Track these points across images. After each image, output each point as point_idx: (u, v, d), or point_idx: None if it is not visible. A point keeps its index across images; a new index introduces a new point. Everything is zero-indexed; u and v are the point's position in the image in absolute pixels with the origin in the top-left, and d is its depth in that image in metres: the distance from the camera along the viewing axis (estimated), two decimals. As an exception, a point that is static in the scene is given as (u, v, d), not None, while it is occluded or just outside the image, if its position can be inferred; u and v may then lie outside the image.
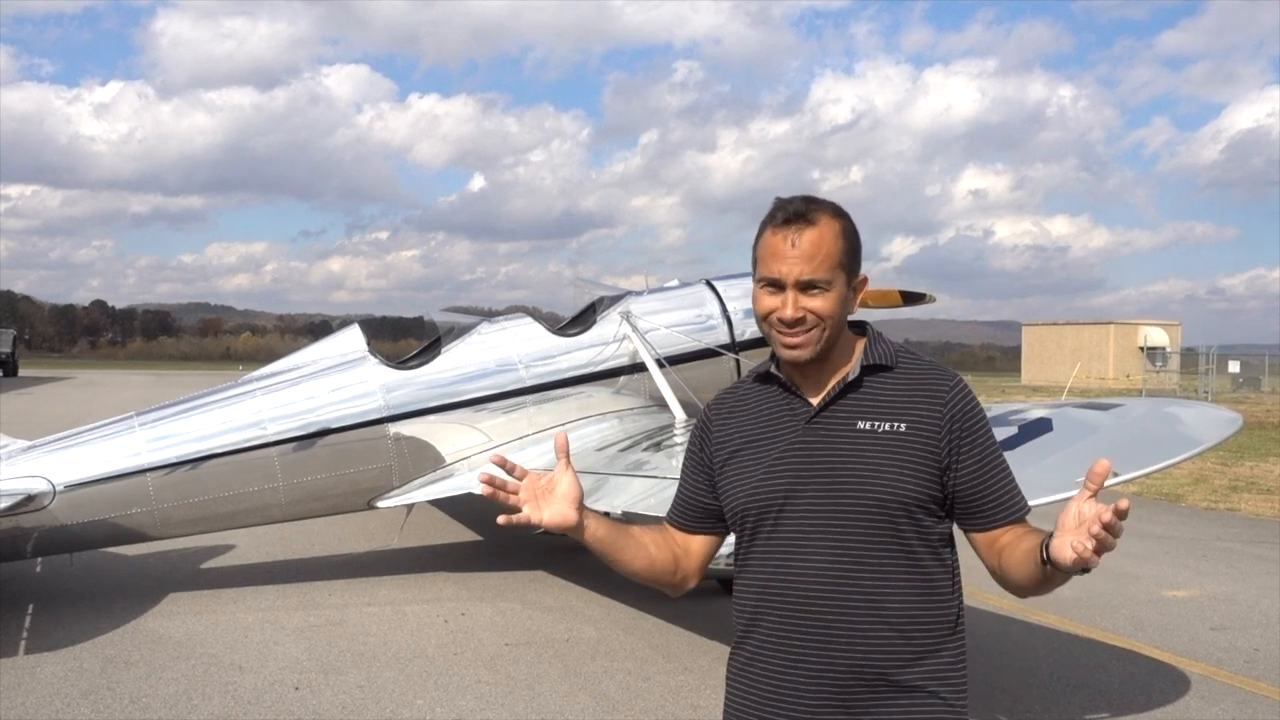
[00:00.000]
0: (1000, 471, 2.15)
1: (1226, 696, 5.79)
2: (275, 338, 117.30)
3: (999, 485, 2.14)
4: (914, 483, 2.08)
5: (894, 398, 2.13)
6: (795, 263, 2.10)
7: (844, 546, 2.09)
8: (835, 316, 2.13)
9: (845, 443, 2.11)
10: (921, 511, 2.09)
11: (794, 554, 2.12)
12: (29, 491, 6.98)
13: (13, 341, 57.15)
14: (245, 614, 7.27)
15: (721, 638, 6.64)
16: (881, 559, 2.08)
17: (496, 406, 8.26)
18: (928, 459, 2.09)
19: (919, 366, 2.19)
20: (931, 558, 2.12)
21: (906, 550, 2.09)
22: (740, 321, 9.11)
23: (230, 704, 5.53)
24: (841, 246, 2.13)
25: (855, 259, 2.17)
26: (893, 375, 2.16)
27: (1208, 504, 13.25)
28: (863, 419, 2.12)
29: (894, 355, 2.18)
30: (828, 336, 2.13)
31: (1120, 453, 5.02)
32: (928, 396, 2.12)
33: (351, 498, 7.99)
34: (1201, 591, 8.36)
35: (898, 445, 2.09)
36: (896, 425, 2.10)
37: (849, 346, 2.21)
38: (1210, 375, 39.12)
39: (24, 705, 5.44)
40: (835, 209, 2.18)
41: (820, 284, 2.11)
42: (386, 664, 6.20)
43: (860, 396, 2.15)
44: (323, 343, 8.59)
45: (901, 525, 2.08)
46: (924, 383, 2.15)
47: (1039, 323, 59.49)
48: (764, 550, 2.17)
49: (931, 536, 2.12)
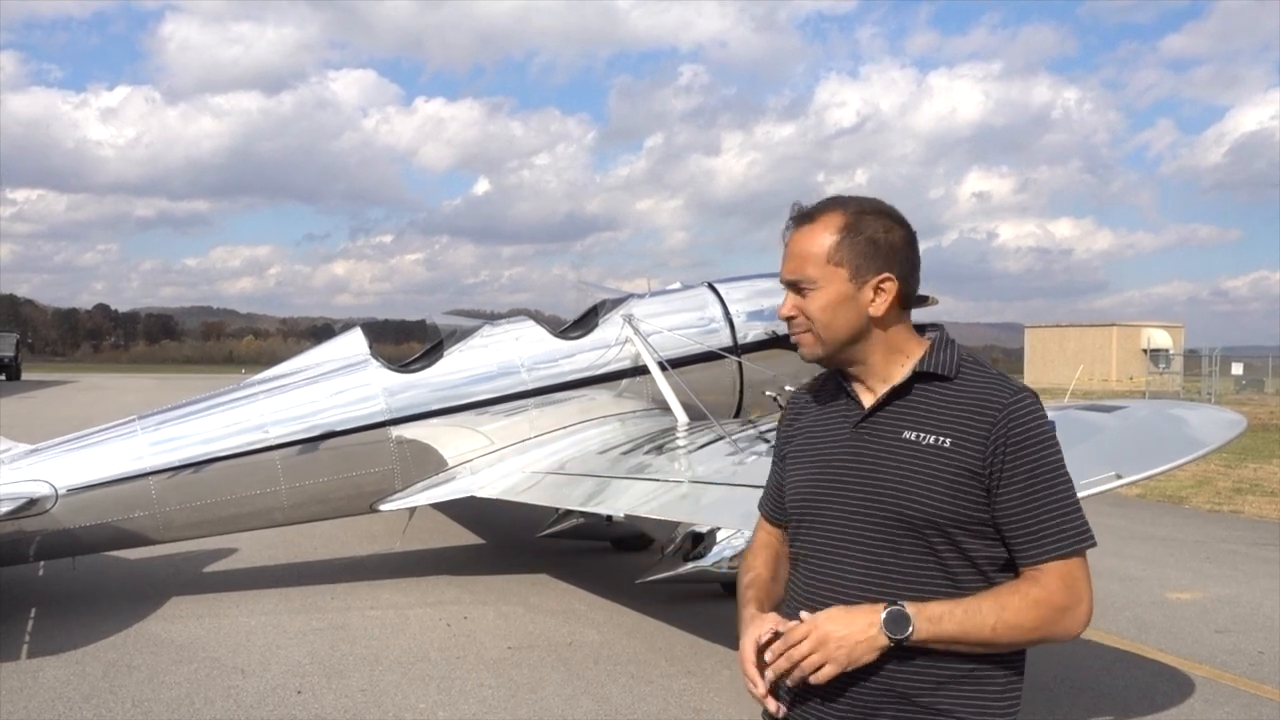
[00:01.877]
0: (1048, 504, 1.96)
1: (1231, 699, 5.77)
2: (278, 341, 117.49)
3: (1039, 519, 1.96)
4: (950, 502, 1.96)
5: (945, 410, 2.02)
6: (788, 263, 2.10)
7: (876, 560, 2.02)
8: (826, 318, 2.06)
9: (887, 452, 2.03)
10: (961, 532, 1.98)
11: (828, 561, 2.07)
12: (31, 495, 6.98)
13: (16, 345, 57.19)
14: (248, 618, 7.26)
15: (724, 641, 6.62)
16: (914, 577, 1.99)
17: (499, 409, 8.25)
18: (969, 478, 1.96)
19: (981, 380, 2.04)
20: (977, 581, 1.99)
21: (944, 570, 1.99)
22: (743, 324, 9.11)
23: (233, 708, 5.52)
24: (834, 242, 2.04)
25: (868, 256, 2.05)
26: (949, 386, 2.04)
27: (1211, 506, 13.23)
28: (910, 429, 2.03)
29: (955, 365, 2.05)
30: (825, 339, 2.08)
31: (1124, 455, 5.00)
32: (979, 412, 1.99)
33: (354, 501, 7.98)
34: (1205, 594, 8.34)
35: (937, 461, 1.98)
36: (941, 439, 1.99)
37: (906, 349, 2.10)
38: (1214, 377, 39.05)
39: (26, 709, 5.43)
40: (853, 205, 2.09)
41: (804, 283, 2.07)
42: (389, 667, 6.19)
43: (911, 405, 2.05)
44: (325, 346, 8.58)
45: (936, 544, 1.98)
46: (979, 397, 2.00)
47: (1042, 325, 59.39)
48: (804, 552, 2.14)
49: (979, 559, 1.99)
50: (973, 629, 1.92)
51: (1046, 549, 1.96)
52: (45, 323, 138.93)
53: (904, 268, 2.08)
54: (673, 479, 6.68)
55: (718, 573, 7.52)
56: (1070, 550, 1.96)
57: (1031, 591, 1.95)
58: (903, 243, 2.09)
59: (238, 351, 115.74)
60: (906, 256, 2.09)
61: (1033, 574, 1.96)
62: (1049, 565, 1.96)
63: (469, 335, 8.53)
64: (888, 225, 2.08)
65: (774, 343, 9.27)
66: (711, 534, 7.40)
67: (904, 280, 2.08)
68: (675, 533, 7.54)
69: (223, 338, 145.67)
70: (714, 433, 7.29)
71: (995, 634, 1.93)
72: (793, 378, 9.34)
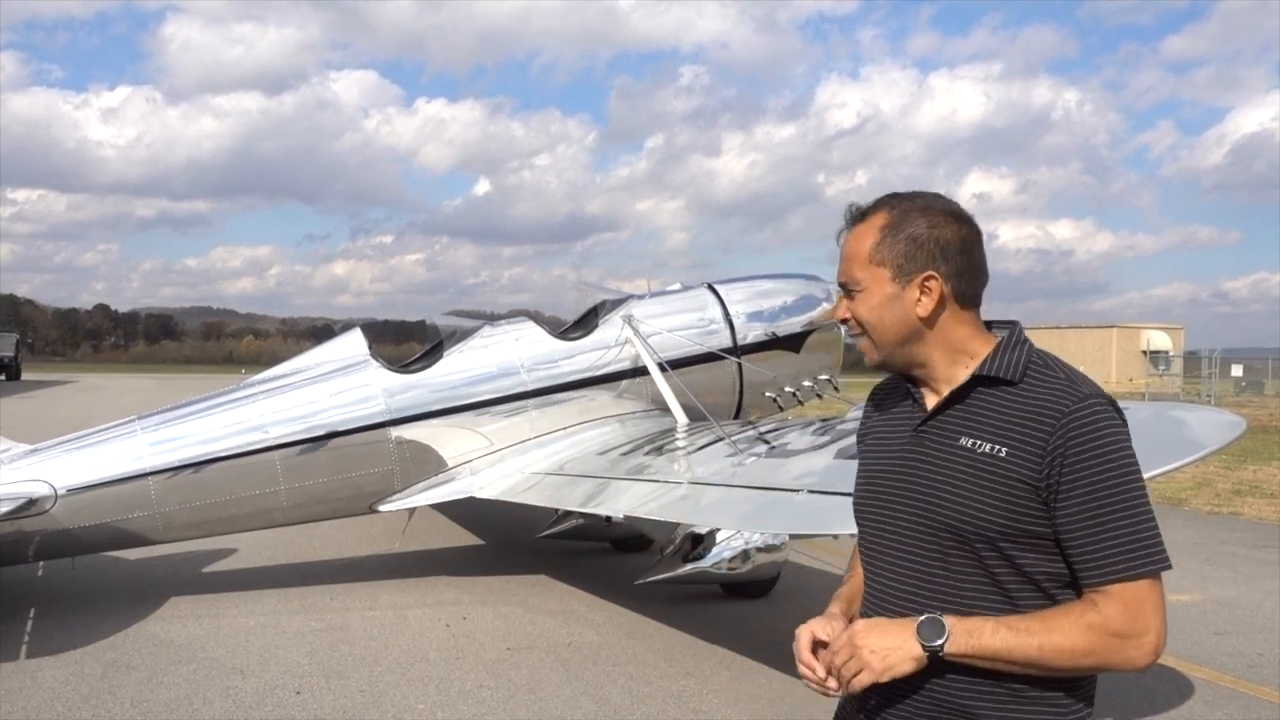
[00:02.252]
0: (1111, 521, 1.81)
1: (1230, 701, 5.77)
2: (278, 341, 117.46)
3: (1100, 537, 1.81)
4: (1001, 514, 1.85)
5: (1005, 417, 1.90)
6: (839, 264, 2.04)
7: (928, 571, 1.95)
8: (874, 319, 1.99)
9: (942, 458, 1.94)
10: (1013, 546, 1.86)
11: (885, 568, 2.02)
12: (31, 495, 6.98)
13: (15, 345, 57.20)
14: (247, 618, 7.26)
15: (723, 642, 6.63)
16: (966, 590, 1.91)
17: (498, 410, 8.25)
18: (1024, 490, 1.84)
19: (1049, 385, 1.89)
20: (1036, 598, 1.88)
21: (996, 585, 1.89)
22: (742, 325, 9.12)
23: (231, 708, 5.52)
24: (874, 241, 1.97)
25: (911, 255, 1.96)
26: (1014, 391, 1.91)
27: (1211, 508, 13.23)
28: (968, 435, 1.92)
29: (1021, 368, 1.92)
30: (878, 343, 2.01)
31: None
32: (1040, 420, 1.86)
33: (353, 501, 7.98)
34: (1205, 596, 8.34)
35: (991, 470, 1.87)
36: (997, 448, 1.87)
37: (970, 349, 1.99)
38: (1213, 379, 39.08)
39: (25, 709, 5.43)
40: (903, 202, 2.00)
41: (852, 285, 2.01)
42: (388, 668, 6.19)
43: (971, 409, 1.95)
44: (325, 346, 8.58)
45: (986, 557, 1.89)
46: (1043, 404, 1.87)
47: (1042, 326, 59.34)
48: (865, 555, 2.10)
49: (1036, 574, 1.87)
50: (1016, 647, 1.81)
51: (1107, 570, 1.81)
52: (45, 323, 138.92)
53: (953, 265, 1.96)
54: (672, 480, 6.68)
55: (717, 574, 7.53)
56: (1136, 572, 1.81)
57: (1086, 614, 1.82)
58: (953, 240, 1.97)
59: (238, 352, 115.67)
60: (957, 253, 1.97)
61: (1092, 596, 1.83)
62: (1111, 588, 1.81)
63: (469, 336, 8.54)
64: (935, 221, 1.97)
65: (773, 344, 9.28)
66: (711, 535, 7.41)
67: (953, 279, 1.96)
68: (674, 534, 7.55)
69: (223, 338, 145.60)
70: (713, 434, 7.29)
71: (1042, 655, 1.81)
72: (791, 378, 9.40)
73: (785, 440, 6.75)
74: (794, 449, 6.46)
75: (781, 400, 9.42)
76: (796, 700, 5.64)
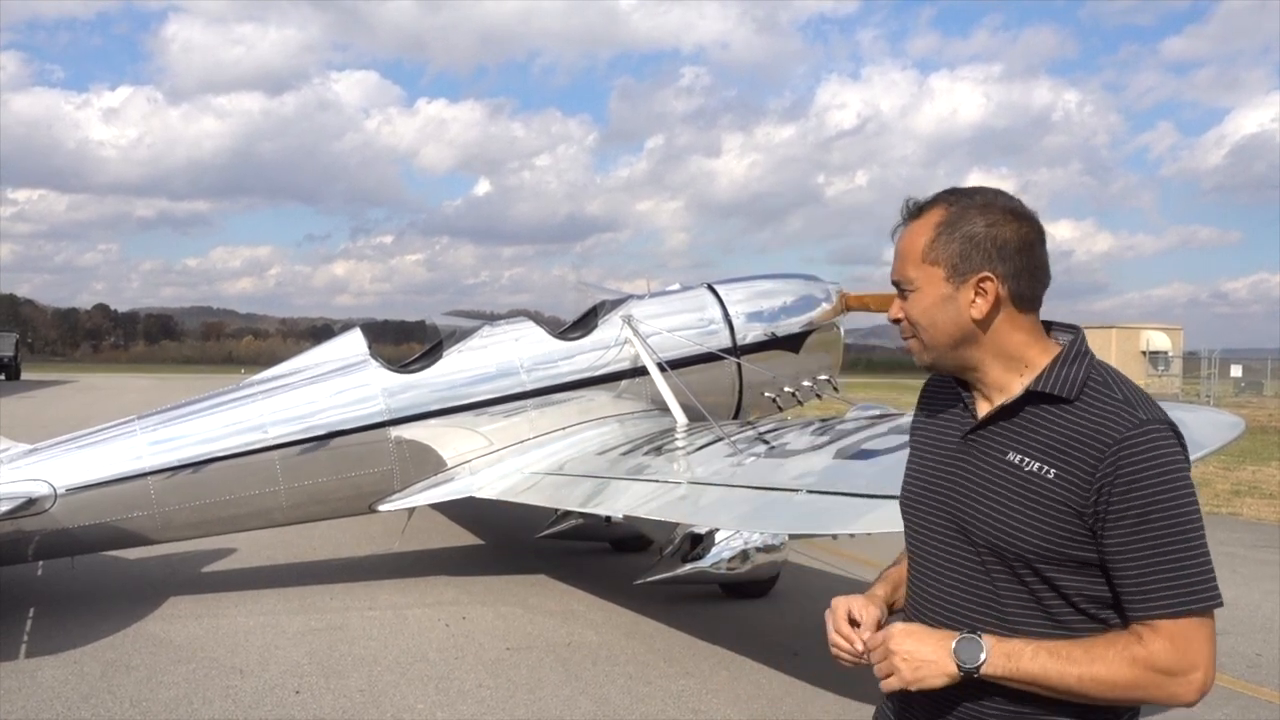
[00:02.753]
0: (1155, 555, 1.74)
1: (1229, 701, 5.77)
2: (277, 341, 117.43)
3: (1148, 571, 1.74)
4: (1042, 538, 1.80)
5: (1056, 436, 1.82)
6: (894, 261, 1.97)
7: (971, 585, 1.90)
8: (926, 320, 1.92)
9: (988, 472, 1.88)
10: (1053, 569, 1.81)
11: (929, 572, 1.99)
12: (30, 495, 6.98)
13: (15, 345, 57.15)
14: (246, 618, 7.26)
15: (723, 642, 6.63)
16: (1009, 609, 1.86)
17: (498, 410, 8.25)
18: (1070, 515, 1.78)
19: (1105, 406, 1.81)
20: (1081, 621, 1.83)
21: (1039, 605, 1.84)
22: (742, 325, 9.12)
23: (231, 708, 5.52)
24: (928, 239, 1.89)
25: (966, 254, 1.87)
26: (1069, 408, 1.83)
27: (1210, 508, 13.23)
28: (1016, 450, 1.85)
29: (1078, 385, 1.84)
30: (929, 345, 1.94)
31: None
32: (1090, 443, 1.78)
33: (353, 501, 7.98)
34: (1204, 596, 8.33)
35: (1036, 491, 1.81)
36: (1045, 469, 1.80)
37: (1027, 356, 1.91)
38: (1212, 379, 39.07)
39: (25, 709, 5.43)
40: (961, 199, 1.91)
41: (905, 284, 1.94)
42: (387, 668, 6.19)
43: (1022, 424, 1.87)
44: (324, 346, 8.58)
45: (1026, 578, 1.84)
46: (1096, 426, 1.79)
47: (1041, 327, 59.30)
48: (911, 553, 2.07)
49: (1076, 598, 1.82)
50: (1055, 674, 1.76)
51: (1156, 604, 1.74)
52: (45, 322, 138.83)
53: (1011, 266, 1.87)
54: (671, 480, 6.69)
55: (716, 574, 7.54)
56: (1184, 609, 1.74)
57: (1131, 647, 1.75)
58: (1012, 238, 1.87)
59: (237, 352, 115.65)
60: (1015, 253, 1.87)
61: (1138, 629, 1.77)
62: (1159, 623, 1.74)
63: (468, 336, 8.54)
64: (993, 220, 1.88)
65: (773, 344, 9.29)
66: (710, 535, 7.41)
67: (1011, 280, 1.87)
68: (674, 534, 7.55)
69: (222, 338, 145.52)
70: (713, 434, 7.30)
71: (1082, 685, 1.75)
72: (791, 379, 9.40)
73: (784, 440, 6.75)
74: (793, 449, 6.47)
75: (781, 400, 9.42)
76: (796, 700, 5.65)
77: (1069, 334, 1.95)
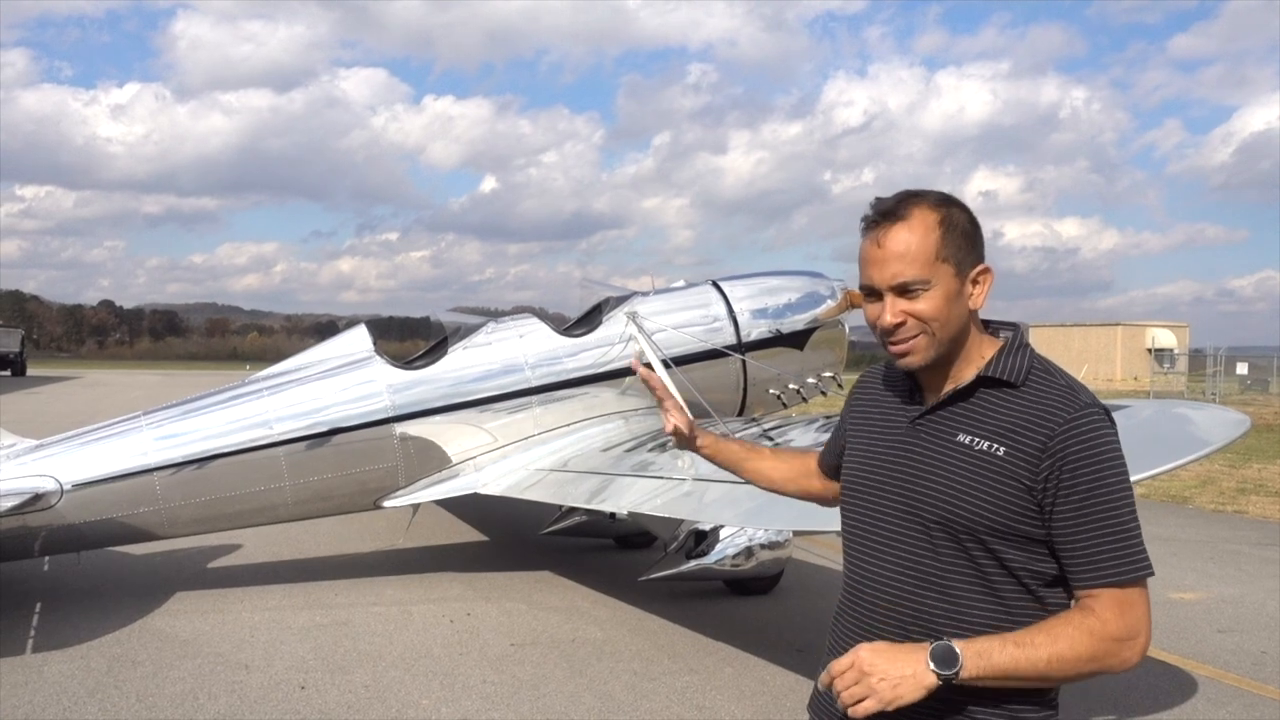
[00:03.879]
0: (1102, 528, 1.87)
1: (1234, 699, 5.77)
2: (282, 338, 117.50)
3: (1095, 543, 1.87)
4: (994, 511, 1.91)
5: (1004, 417, 1.95)
6: (885, 265, 1.97)
7: (915, 562, 1.99)
8: (943, 317, 1.97)
9: (938, 453, 1.99)
10: (1000, 542, 1.92)
11: (871, 557, 2.06)
12: (36, 490, 7.00)
13: (21, 341, 57.28)
14: (251, 613, 7.28)
15: (727, 638, 6.63)
16: (952, 584, 1.96)
17: (502, 407, 8.26)
18: (1019, 490, 1.89)
19: (1049, 390, 1.95)
20: (1019, 595, 1.94)
21: (983, 580, 1.94)
22: (746, 322, 9.12)
23: (236, 703, 5.54)
24: (938, 238, 1.96)
25: (966, 249, 1.99)
26: (1015, 393, 1.96)
27: (1215, 506, 13.21)
28: (965, 432, 1.97)
29: (1023, 372, 1.98)
30: (940, 339, 1.98)
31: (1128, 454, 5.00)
32: (1039, 424, 1.91)
33: (357, 497, 7.99)
34: (1209, 594, 8.34)
35: (987, 468, 1.92)
36: (995, 447, 1.92)
37: (979, 349, 2.04)
38: (1218, 377, 38.96)
39: (31, 704, 5.45)
40: (937, 198, 2.01)
41: (915, 284, 1.96)
42: (392, 664, 6.21)
43: (971, 408, 1.99)
44: (329, 343, 8.59)
45: (974, 552, 1.94)
46: (1043, 408, 1.92)
47: (1046, 324, 59.37)
48: (851, 539, 2.14)
49: (1020, 572, 1.93)
50: (1025, 662, 1.84)
51: (1102, 574, 1.88)
52: (50, 318, 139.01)
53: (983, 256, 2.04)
54: (676, 476, 6.69)
55: (720, 570, 7.54)
56: (1128, 578, 1.88)
57: (1086, 621, 1.87)
58: (978, 230, 2.04)
59: (242, 348, 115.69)
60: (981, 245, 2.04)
61: (1088, 602, 1.89)
62: (1103, 592, 1.88)
63: (473, 332, 8.55)
64: (967, 213, 2.02)
65: (777, 341, 9.28)
66: (714, 532, 7.41)
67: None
68: (678, 530, 7.55)
69: (227, 334, 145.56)
70: (717, 431, 7.29)
71: (1050, 667, 1.84)
72: (795, 375, 9.39)
73: (789, 437, 6.75)
74: (797, 446, 6.47)
75: (785, 397, 9.42)
76: (800, 697, 5.65)
77: (1009, 328, 2.09)
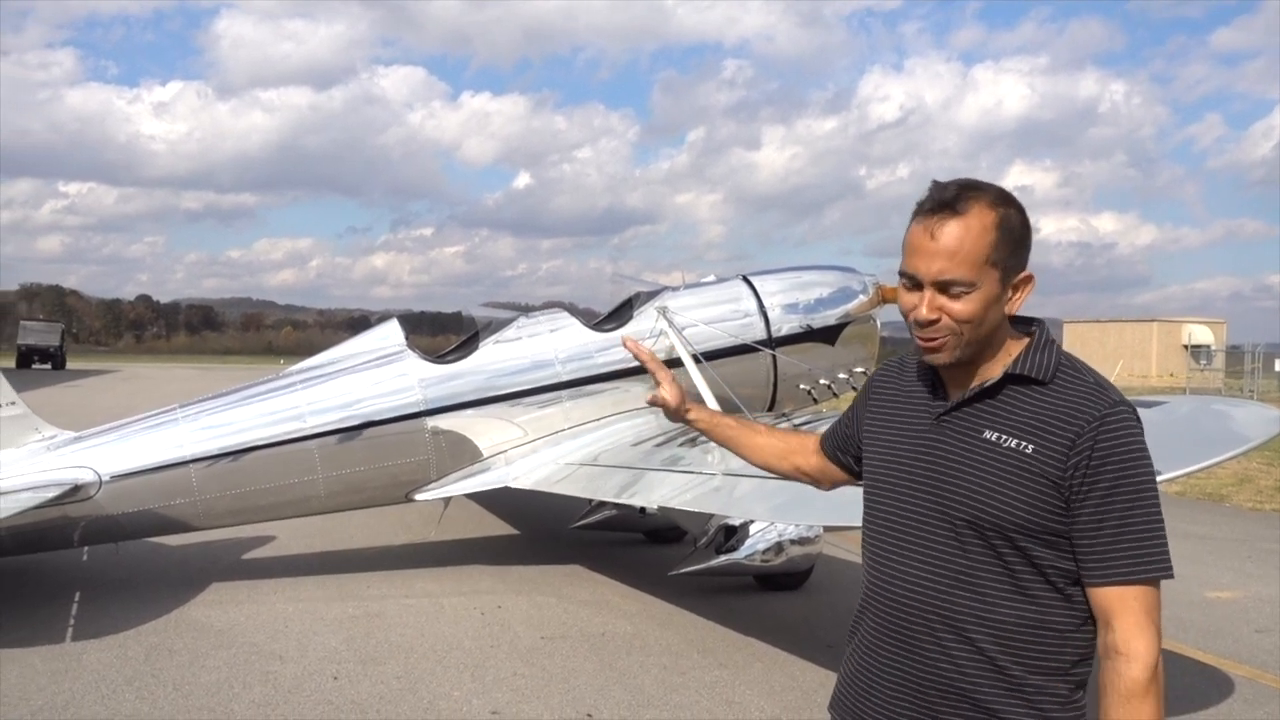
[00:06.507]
0: (1125, 524, 1.85)
1: (1271, 700, 5.69)
2: (315, 332, 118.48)
3: (1113, 538, 1.85)
4: (1023, 509, 1.88)
5: (1032, 415, 1.92)
6: (933, 259, 1.90)
7: (943, 560, 1.96)
8: (978, 320, 1.92)
9: (965, 450, 1.96)
10: (1028, 540, 1.89)
11: (895, 554, 2.05)
12: (76, 481, 7.11)
13: (61, 335, 58.19)
14: (285, 604, 7.36)
15: (757, 633, 6.62)
16: (980, 581, 1.93)
17: (532, 401, 8.29)
18: (1048, 487, 1.87)
19: (1078, 388, 1.92)
20: (1048, 591, 1.91)
21: (1011, 577, 1.91)
22: (777, 317, 9.09)
23: (270, 692, 5.60)
24: (991, 241, 1.89)
25: (1014, 254, 1.93)
26: (1043, 390, 1.93)
27: (1253, 504, 13.02)
28: (992, 429, 1.94)
29: (1051, 369, 1.95)
30: (969, 341, 1.94)
31: (1165, 451, 4.93)
32: (1067, 421, 1.88)
33: (389, 490, 8.05)
34: (1246, 593, 8.22)
35: (1016, 466, 1.89)
36: (1023, 445, 1.90)
37: (1006, 347, 2.00)
38: (1256, 374, 38.33)
39: (70, 691, 5.55)
40: (997, 196, 1.93)
41: (960, 284, 1.90)
42: (424, 655, 6.25)
43: (997, 405, 1.96)
44: (361, 337, 8.66)
45: (1002, 551, 1.91)
46: (1071, 405, 1.90)
47: (1082, 320, 58.70)
48: (874, 537, 2.12)
49: (1048, 570, 1.90)
50: None
51: (1116, 570, 1.85)
52: (89, 313, 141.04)
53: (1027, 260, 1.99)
54: (706, 471, 6.68)
55: (750, 565, 7.53)
56: (1142, 576, 1.86)
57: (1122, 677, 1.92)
58: (1029, 234, 1.97)
59: (276, 342, 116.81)
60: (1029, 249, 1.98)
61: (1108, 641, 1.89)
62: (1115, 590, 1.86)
63: (504, 327, 8.58)
64: (1023, 215, 1.95)
65: (808, 336, 9.25)
66: (744, 527, 7.40)
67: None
68: (708, 525, 7.55)
69: (262, 329, 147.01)
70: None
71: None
72: (826, 371, 9.35)
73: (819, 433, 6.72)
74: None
75: (816, 393, 9.38)
76: (830, 693, 5.63)
77: (1035, 326, 2.05)
